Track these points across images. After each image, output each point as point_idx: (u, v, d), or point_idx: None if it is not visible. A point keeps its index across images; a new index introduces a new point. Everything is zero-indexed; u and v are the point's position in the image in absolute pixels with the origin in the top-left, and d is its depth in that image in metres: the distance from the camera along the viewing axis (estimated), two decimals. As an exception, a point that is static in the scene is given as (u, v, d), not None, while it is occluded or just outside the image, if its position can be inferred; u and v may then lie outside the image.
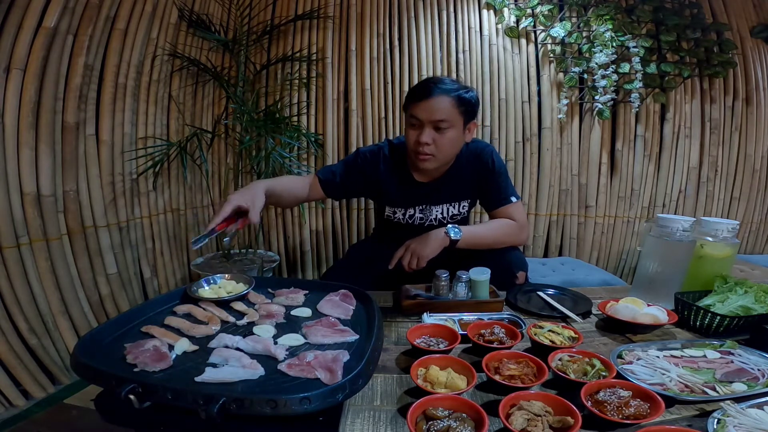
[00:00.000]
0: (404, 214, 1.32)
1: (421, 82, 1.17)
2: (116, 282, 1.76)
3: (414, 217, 1.32)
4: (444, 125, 1.12)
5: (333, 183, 1.27)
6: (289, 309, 0.91)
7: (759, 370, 0.75)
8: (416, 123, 1.14)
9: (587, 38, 2.24)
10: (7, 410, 1.36)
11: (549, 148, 2.34)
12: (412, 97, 1.15)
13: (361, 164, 1.28)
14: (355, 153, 1.31)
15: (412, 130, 1.16)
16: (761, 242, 2.59)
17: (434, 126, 1.12)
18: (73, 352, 0.65)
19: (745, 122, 2.39)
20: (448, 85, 1.13)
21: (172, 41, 1.97)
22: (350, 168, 1.28)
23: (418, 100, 1.12)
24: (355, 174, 1.28)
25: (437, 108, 1.11)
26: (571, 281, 1.87)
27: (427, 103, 1.11)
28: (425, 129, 1.13)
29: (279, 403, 0.55)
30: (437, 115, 1.11)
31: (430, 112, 1.11)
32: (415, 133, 1.15)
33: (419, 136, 1.13)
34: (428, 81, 1.15)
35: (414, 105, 1.14)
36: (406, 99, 1.18)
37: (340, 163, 1.31)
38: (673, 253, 1.10)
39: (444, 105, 1.11)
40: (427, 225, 1.33)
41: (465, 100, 1.14)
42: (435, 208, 1.31)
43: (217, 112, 2.26)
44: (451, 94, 1.12)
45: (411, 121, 1.15)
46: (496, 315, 1.00)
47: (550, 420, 0.58)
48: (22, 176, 1.39)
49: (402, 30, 2.28)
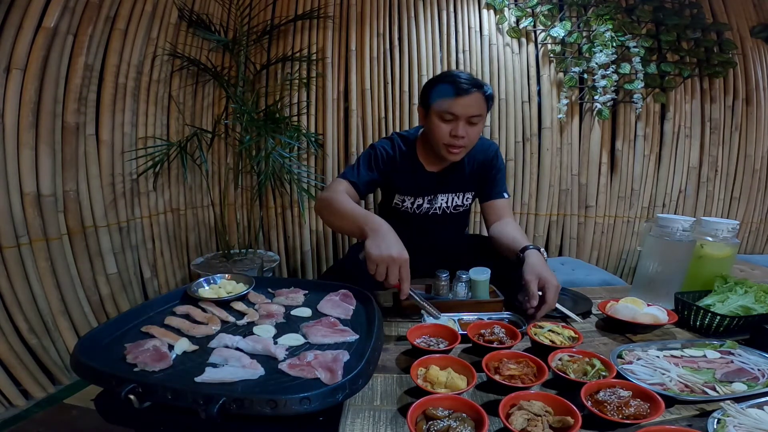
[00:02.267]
0: (413, 203, 1.36)
1: (450, 78, 1.19)
2: (116, 282, 1.76)
3: (421, 207, 1.36)
4: (477, 120, 1.18)
5: (370, 182, 1.28)
6: (289, 309, 0.91)
7: (759, 370, 0.75)
8: (451, 118, 1.18)
9: (587, 38, 2.24)
10: (7, 410, 1.36)
11: (549, 148, 2.34)
12: (446, 93, 1.17)
13: (381, 157, 1.30)
14: (372, 148, 1.33)
15: (444, 124, 1.19)
16: (761, 242, 2.59)
17: (468, 120, 1.17)
18: (73, 352, 0.65)
19: (745, 122, 2.39)
20: (477, 80, 1.19)
21: (172, 41, 1.97)
22: (373, 163, 1.30)
23: (455, 96, 1.15)
24: (378, 168, 1.30)
25: (474, 104, 1.16)
26: (571, 281, 1.87)
27: (465, 99, 1.15)
28: (460, 123, 1.17)
29: (279, 403, 0.55)
30: (474, 111, 1.16)
31: (467, 108, 1.16)
32: (448, 127, 1.18)
33: (455, 130, 1.17)
34: (457, 77, 1.18)
35: (450, 101, 1.16)
36: (435, 94, 1.19)
37: (361, 162, 1.30)
38: (673, 253, 1.10)
39: (479, 101, 1.17)
40: (431, 214, 1.37)
41: (491, 96, 1.22)
42: (441, 197, 1.36)
43: (217, 112, 2.27)
44: (482, 89, 1.18)
45: (444, 116, 1.18)
46: (496, 315, 1.00)
47: (550, 420, 0.58)
48: (22, 176, 1.39)
49: (402, 30, 2.28)
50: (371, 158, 1.30)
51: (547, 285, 0.96)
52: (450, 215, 1.39)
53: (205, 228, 2.33)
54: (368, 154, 1.32)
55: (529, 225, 2.45)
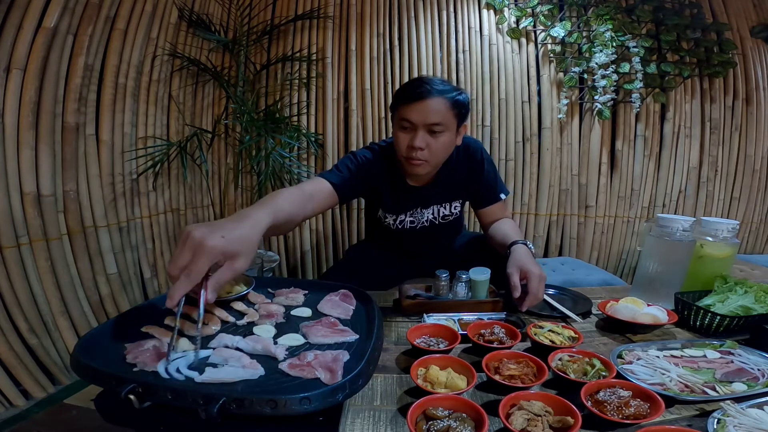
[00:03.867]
0: (395, 220, 1.28)
1: (412, 82, 1.08)
2: (116, 282, 1.76)
3: (404, 222, 1.28)
4: (438, 128, 1.05)
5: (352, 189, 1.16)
6: (289, 309, 0.91)
7: (759, 370, 0.75)
8: (408, 126, 1.06)
9: (587, 38, 2.25)
10: (7, 410, 1.36)
11: (549, 148, 2.34)
12: (403, 98, 1.06)
13: (364, 165, 1.19)
14: (353, 155, 1.21)
15: (403, 134, 1.08)
16: (761, 242, 2.59)
17: (428, 129, 1.06)
18: (73, 352, 0.65)
19: (745, 122, 2.39)
20: (442, 86, 1.06)
21: (172, 41, 1.97)
22: (355, 168, 1.17)
23: (411, 102, 1.04)
24: (360, 174, 1.19)
25: (432, 110, 1.03)
26: (571, 281, 1.87)
27: (422, 105, 1.03)
28: (418, 133, 1.05)
29: (279, 403, 0.55)
30: (432, 118, 1.04)
31: (424, 115, 1.04)
32: (407, 137, 1.07)
33: (412, 140, 1.06)
34: (420, 81, 1.06)
35: (406, 107, 1.05)
36: (395, 99, 1.09)
37: (342, 165, 1.18)
38: (673, 253, 1.10)
39: (439, 107, 1.04)
40: (419, 227, 1.30)
41: (459, 103, 1.07)
42: (426, 211, 1.28)
43: (217, 112, 2.27)
44: (446, 95, 1.05)
45: (402, 123, 1.07)
46: (496, 315, 1.00)
47: (550, 420, 0.58)
48: (22, 176, 1.39)
49: (402, 30, 2.28)
50: (353, 165, 1.17)
51: (530, 275, 0.97)
52: (439, 225, 1.31)
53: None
54: (350, 161, 1.18)
55: (529, 225, 2.45)
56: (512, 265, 1.00)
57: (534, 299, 0.97)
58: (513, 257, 1.03)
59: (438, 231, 1.34)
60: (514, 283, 0.97)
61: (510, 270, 0.99)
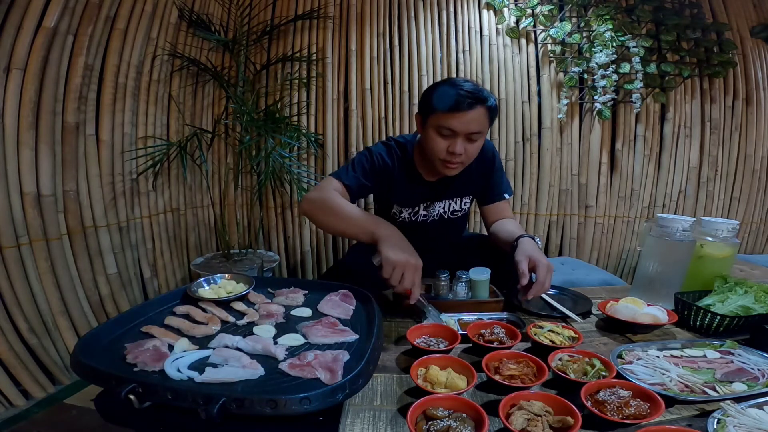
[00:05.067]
0: (410, 213, 1.31)
1: (451, 90, 1.07)
2: (116, 282, 1.76)
3: (418, 215, 1.32)
4: (477, 136, 1.10)
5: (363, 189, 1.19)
6: (289, 309, 0.91)
7: (759, 370, 0.75)
8: (449, 134, 1.08)
9: (587, 38, 2.24)
10: (7, 410, 1.36)
11: (549, 148, 2.34)
12: (445, 107, 1.07)
13: (378, 165, 1.21)
14: (368, 152, 1.23)
15: (441, 139, 1.10)
16: (761, 242, 2.59)
17: (468, 137, 1.09)
18: (73, 352, 0.65)
19: (745, 122, 2.39)
20: (480, 93, 1.07)
21: (172, 41, 1.97)
22: (370, 170, 1.20)
23: (455, 112, 1.06)
24: (375, 176, 1.21)
25: (474, 120, 1.07)
26: (571, 281, 1.87)
27: (466, 116, 1.06)
28: (458, 140, 1.08)
29: (279, 403, 0.55)
30: (474, 128, 1.08)
31: (467, 125, 1.07)
32: (445, 143, 1.10)
33: (452, 146, 1.09)
34: (462, 90, 1.06)
35: (449, 116, 1.07)
36: (434, 106, 1.09)
37: (356, 166, 1.20)
38: (673, 253, 1.10)
39: (480, 117, 1.07)
40: (430, 221, 1.33)
41: (493, 108, 1.11)
42: (438, 204, 1.31)
43: (217, 112, 2.27)
44: (485, 104, 1.07)
45: (442, 131, 1.09)
46: (496, 315, 1.00)
47: (550, 420, 0.58)
48: (22, 176, 1.39)
49: (402, 30, 2.28)
50: (368, 164, 1.20)
51: (538, 264, 0.98)
52: (448, 220, 1.35)
53: (205, 228, 2.33)
54: (365, 159, 1.21)
55: (529, 225, 2.45)
56: (521, 254, 1.02)
57: (541, 288, 0.98)
58: (521, 248, 1.05)
59: (445, 227, 1.36)
60: (523, 270, 0.98)
61: (519, 258, 1.01)
